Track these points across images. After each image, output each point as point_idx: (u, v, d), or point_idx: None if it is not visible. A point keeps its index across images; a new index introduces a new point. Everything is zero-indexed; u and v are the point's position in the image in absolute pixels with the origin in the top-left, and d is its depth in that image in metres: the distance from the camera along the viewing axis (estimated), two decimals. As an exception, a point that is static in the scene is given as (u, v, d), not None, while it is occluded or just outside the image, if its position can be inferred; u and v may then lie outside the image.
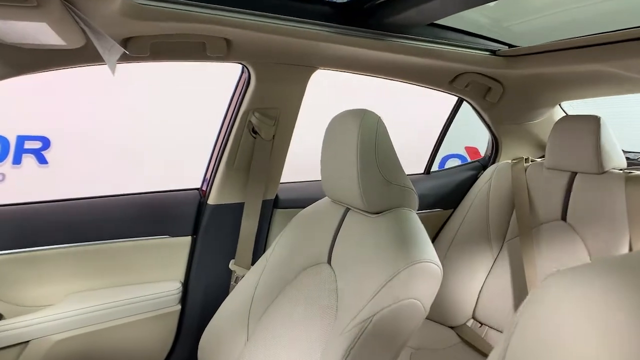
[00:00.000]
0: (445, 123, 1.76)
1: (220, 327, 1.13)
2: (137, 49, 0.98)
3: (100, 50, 0.81)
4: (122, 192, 1.32)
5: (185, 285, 1.36)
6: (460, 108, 1.73)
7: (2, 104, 2.80)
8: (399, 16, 1.07)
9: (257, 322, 1.08)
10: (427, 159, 1.82)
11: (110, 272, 1.27)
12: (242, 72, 1.27)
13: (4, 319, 1.14)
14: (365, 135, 0.94)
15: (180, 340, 1.36)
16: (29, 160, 3.16)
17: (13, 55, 0.90)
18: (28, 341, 1.14)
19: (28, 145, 3.14)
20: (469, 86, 1.49)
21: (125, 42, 0.96)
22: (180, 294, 1.34)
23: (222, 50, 1.06)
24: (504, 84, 1.52)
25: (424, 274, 0.84)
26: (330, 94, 2.52)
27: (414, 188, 1.01)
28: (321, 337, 0.91)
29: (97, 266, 1.25)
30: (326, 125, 1.06)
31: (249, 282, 1.13)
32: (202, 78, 3.06)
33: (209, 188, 1.36)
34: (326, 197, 1.14)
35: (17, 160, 3.12)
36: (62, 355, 1.18)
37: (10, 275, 1.15)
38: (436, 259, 0.88)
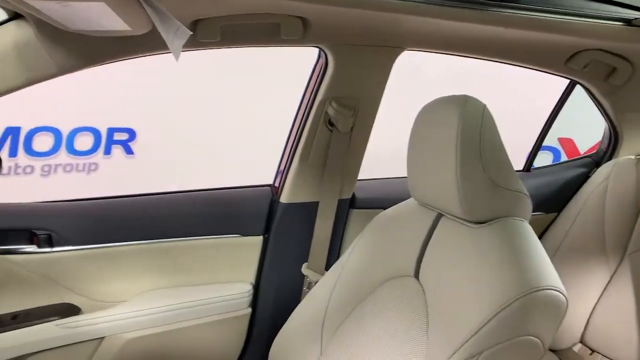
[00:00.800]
0: (552, 112, 1.51)
1: (292, 336, 1.03)
2: (206, 33, 0.90)
3: (165, 35, 0.72)
4: (193, 188, 1.27)
5: (256, 287, 1.29)
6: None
7: (91, 96, 2.97)
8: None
9: (331, 336, 0.97)
10: (528, 154, 1.58)
11: (181, 270, 1.23)
12: (319, 57, 1.15)
13: (82, 313, 1.14)
14: (468, 127, 0.77)
15: (250, 345, 1.29)
16: (117, 151, 3.34)
17: (80, 45, 0.86)
18: (103, 337, 1.14)
19: (117, 136, 3.32)
20: (589, 66, 1.23)
21: (193, 26, 0.88)
22: (250, 297, 1.26)
23: (297, 32, 0.95)
24: (634, 64, 1.24)
25: (546, 305, 0.67)
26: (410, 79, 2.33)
27: (527, 193, 0.83)
28: None
29: (169, 264, 1.21)
30: (409, 113, 0.90)
31: (323, 290, 1.02)
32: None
33: (281, 185, 1.27)
34: (412, 199, 0.99)
35: (107, 151, 3.31)
36: (133, 354, 1.16)
37: (88, 270, 1.14)
38: (560, 286, 0.70)
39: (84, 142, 3.23)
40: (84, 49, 0.88)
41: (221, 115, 3.41)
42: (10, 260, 1.06)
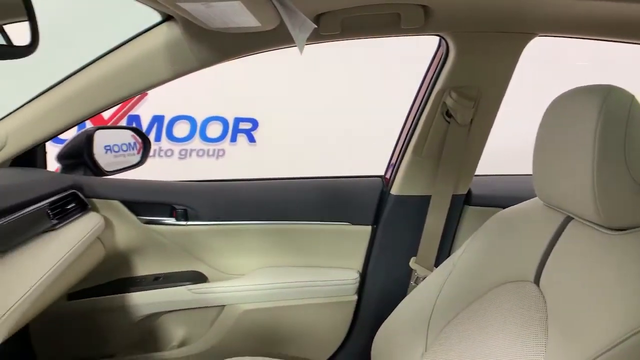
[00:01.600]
0: None
1: (397, 329, 1.03)
2: (328, 26, 0.93)
3: (291, 28, 0.77)
4: (308, 175, 1.33)
5: (363, 276, 1.31)
6: None
7: (220, 88, 3.26)
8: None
9: (437, 334, 0.94)
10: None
11: (294, 252, 1.30)
12: (439, 45, 1.11)
13: (209, 282, 1.28)
14: (610, 121, 0.68)
15: (354, 331, 1.32)
16: (241, 138, 3.64)
17: (217, 41, 0.95)
18: (224, 305, 1.26)
19: (242, 125, 3.61)
20: None
21: (316, 20, 0.92)
22: (357, 285, 1.29)
23: (418, 21, 0.92)
24: None
25: None
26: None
27: None
28: None
29: (283, 244, 1.29)
30: (534, 103, 0.82)
31: (432, 287, 0.99)
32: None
33: (392, 176, 1.26)
34: (536, 199, 0.90)
35: (233, 139, 3.62)
36: (248, 324, 1.27)
37: (215, 243, 1.28)
38: None
39: (214, 129, 3.58)
40: (221, 45, 0.98)
41: (337, 108, 3.50)
42: (154, 230, 1.23)
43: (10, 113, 1.10)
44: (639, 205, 0.70)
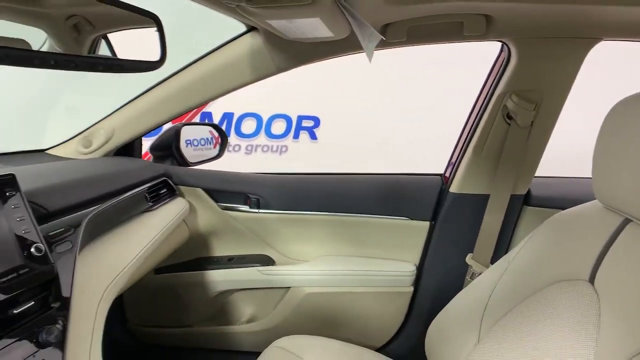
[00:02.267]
0: None
1: (451, 320, 1.09)
2: (394, 34, 1.01)
3: (361, 39, 0.86)
4: (370, 172, 1.42)
5: (420, 269, 1.37)
6: None
7: (285, 87, 3.41)
8: None
9: (490, 327, 0.99)
10: None
11: (355, 242, 1.39)
12: (501, 50, 1.15)
13: (276, 264, 1.41)
14: None
15: (409, 321, 1.39)
16: (304, 136, 3.78)
17: (294, 49, 1.07)
18: (289, 287, 1.39)
19: (304, 123, 3.75)
20: None
21: (383, 29, 1.00)
22: (414, 277, 1.36)
23: (480, 29, 0.98)
24: None
25: None
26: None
27: None
28: None
29: (345, 235, 1.39)
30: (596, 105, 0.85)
31: (487, 282, 1.04)
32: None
33: (452, 175, 1.31)
34: (595, 201, 0.93)
35: (296, 136, 3.78)
36: (310, 306, 1.38)
37: (284, 230, 1.40)
38: None
39: (278, 127, 3.76)
40: (297, 53, 1.09)
41: (395, 109, 3.55)
42: (230, 215, 1.38)
43: (117, 110, 1.30)
44: None
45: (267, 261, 1.41)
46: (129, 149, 1.38)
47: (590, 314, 0.81)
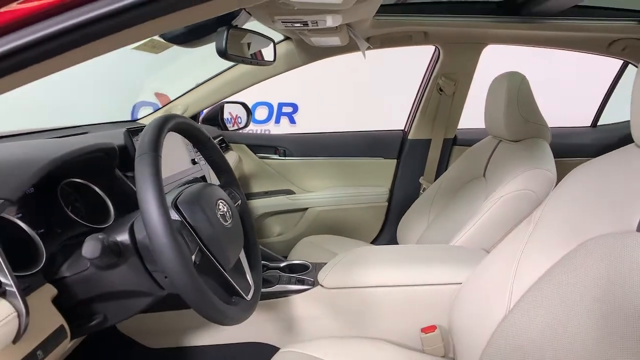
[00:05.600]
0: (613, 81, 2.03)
1: (412, 215, 1.84)
2: (373, 42, 1.74)
3: (360, 45, 1.58)
4: (351, 130, 2.17)
5: (391, 190, 2.13)
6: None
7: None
8: (547, 3, 1.52)
9: (438, 212, 1.73)
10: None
11: (347, 177, 2.12)
12: (435, 50, 1.92)
13: (295, 194, 2.12)
14: (512, 88, 1.45)
15: (386, 224, 2.15)
16: (284, 120, 4.40)
17: (314, 50, 1.77)
18: (306, 209, 2.10)
19: (284, 109, 4.37)
20: (626, 49, 1.76)
21: (368, 39, 1.73)
22: (387, 195, 2.11)
23: (422, 39, 1.74)
24: None
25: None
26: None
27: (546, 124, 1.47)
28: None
29: (340, 172, 2.12)
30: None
31: (430, 191, 1.79)
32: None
33: (408, 128, 2.08)
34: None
35: (277, 121, 4.39)
36: (320, 220, 2.10)
37: (301, 170, 2.11)
38: None
39: (261, 113, 4.35)
40: (316, 52, 1.80)
41: (363, 97, 4.23)
42: (264, 162, 2.07)
43: (188, 91, 1.94)
44: (524, 128, 1.48)
45: (290, 192, 2.11)
46: (195, 119, 2.03)
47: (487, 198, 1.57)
